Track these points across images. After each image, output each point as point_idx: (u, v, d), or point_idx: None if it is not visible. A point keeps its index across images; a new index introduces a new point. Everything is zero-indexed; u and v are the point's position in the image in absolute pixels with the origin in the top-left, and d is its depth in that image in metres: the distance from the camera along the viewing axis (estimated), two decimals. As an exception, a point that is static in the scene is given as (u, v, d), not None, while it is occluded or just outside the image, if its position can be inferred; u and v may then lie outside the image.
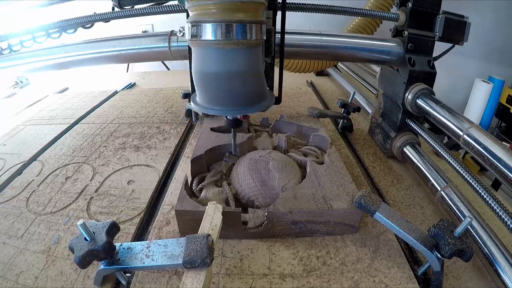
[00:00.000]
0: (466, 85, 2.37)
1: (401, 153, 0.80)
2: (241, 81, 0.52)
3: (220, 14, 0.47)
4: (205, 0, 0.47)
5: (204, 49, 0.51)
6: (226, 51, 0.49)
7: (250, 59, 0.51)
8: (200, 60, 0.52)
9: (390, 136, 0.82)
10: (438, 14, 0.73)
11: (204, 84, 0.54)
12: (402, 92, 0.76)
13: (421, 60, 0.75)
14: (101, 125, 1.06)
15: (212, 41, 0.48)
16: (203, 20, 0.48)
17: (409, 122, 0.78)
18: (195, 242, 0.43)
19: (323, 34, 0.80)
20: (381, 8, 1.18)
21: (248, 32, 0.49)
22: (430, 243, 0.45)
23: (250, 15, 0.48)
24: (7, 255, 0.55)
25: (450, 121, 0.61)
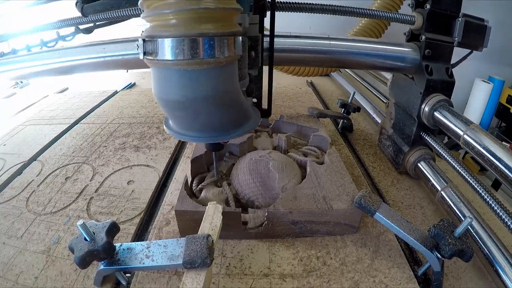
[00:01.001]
0: (466, 85, 2.37)
1: (414, 169, 0.74)
2: (211, 107, 0.43)
3: (181, 26, 0.38)
4: (162, 8, 0.37)
5: (162, 71, 0.41)
6: (189, 73, 0.40)
7: (220, 80, 0.42)
8: (159, 83, 0.43)
9: (403, 150, 0.75)
10: (458, 17, 0.67)
11: (168, 110, 0.46)
12: (418, 103, 0.69)
13: (439, 68, 0.68)
14: (101, 125, 1.06)
15: (171, 61, 0.39)
16: (160, 35, 0.38)
17: (424, 136, 0.72)
18: (195, 243, 0.43)
19: (332, 38, 0.72)
20: (389, 8, 1.12)
21: (217, 48, 0.39)
22: (430, 243, 0.45)
23: (220, 26, 0.39)
24: (7, 255, 0.55)
25: (450, 121, 0.61)
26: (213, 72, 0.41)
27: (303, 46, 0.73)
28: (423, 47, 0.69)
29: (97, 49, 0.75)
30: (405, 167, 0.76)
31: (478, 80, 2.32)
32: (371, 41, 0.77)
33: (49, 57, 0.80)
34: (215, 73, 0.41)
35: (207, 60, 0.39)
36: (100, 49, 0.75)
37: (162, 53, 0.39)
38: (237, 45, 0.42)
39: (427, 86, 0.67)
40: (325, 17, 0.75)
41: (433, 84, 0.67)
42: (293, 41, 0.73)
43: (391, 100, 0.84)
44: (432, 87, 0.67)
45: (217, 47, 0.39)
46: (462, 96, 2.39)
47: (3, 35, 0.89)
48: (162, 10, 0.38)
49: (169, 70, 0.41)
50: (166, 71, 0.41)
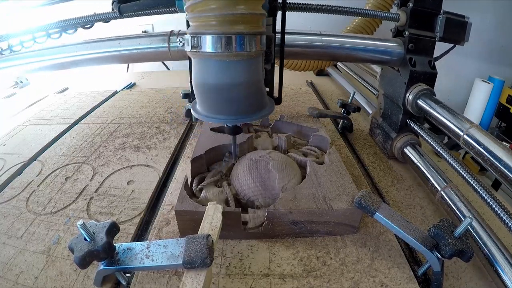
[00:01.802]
0: (466, 85, 2.37)
1: (401, 153, 0.80)
2: (241, 92, 0.52)
3: (220, 26, 0.47)
4: (205, 12, 0.47)
5: (204, 61, 0.51)
6: (226, 63, 0.50)
7: (250, 70, 0.52)
8: (200, 71, 0.52)
9: (391, 136, 0.82)
10: (439, 14, 0.73)
11: (204, 95, 0.54)
12: (403, 92, 0.75)
13: (422, 61, 0.75)
14: (101, 125, 1.06)
15: (212, 53, 0.48)
16: (203, 32, 0.48)
17: (410, 123, 0.78)
18: (195, 243, 0.43)
19: (323, 34, 0.80)
20: (381, 8, 1.18)
21: (248, 44, 0.49)
22: (430, 243, 0.45)
23: (250, 27, 0.48)
24: (7, 255, 0.55)
25: (450, 121, 0.61)
26: (244, 63, 0.51)
27: (300, 42, 0.80)
28: (407, 42, 0.76)
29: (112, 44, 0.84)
30: (393, 152, 0.83)
31: (478, 80, 2.32)
32: (360, 37, 0.85)
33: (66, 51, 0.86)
34: (246, 63, 0.51)
35: (241, 53, 0.49)
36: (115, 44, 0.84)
37: (204, 46, 0.48)
38: (262, 42, 0.52)
39: (410, 77, 0.74)
40: (325, 16, 0.82)
41: (416, 75, 0.74)
42: (293, 37, 0.79)
43: (381, 91, 0.91)
44: (415, 77, 0.74)
45: (248, 43, 0.49)
46: (462, 96, 2.39)
47: (3, 35, 0.89)
48: (205, 13, 0.47)
49: (210, 61, 0.50)
50: (208, 61, 0.51)
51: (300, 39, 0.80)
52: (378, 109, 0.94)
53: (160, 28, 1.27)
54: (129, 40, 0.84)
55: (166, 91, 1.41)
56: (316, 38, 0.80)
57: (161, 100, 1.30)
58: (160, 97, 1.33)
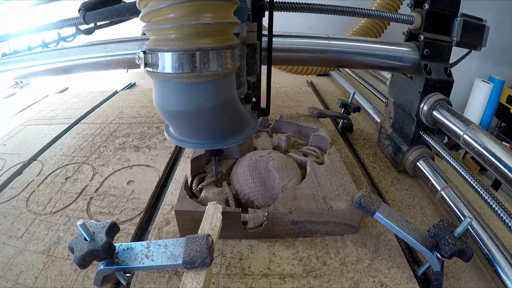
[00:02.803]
0: (466, 85, 2.37)
1: (413, 168, 0.74)
2: (210, 117, 0.45)
3: (180, 41, 0.39)
4: (162, 23, 0.39)
5: (163, 83, 0.43)
6: (188, 85, 0.41)
7: (219, 92, 0.43)
8: (160, 95, 0.44)
9: (402, 149, 0.76)
10: (456, 17, 0.67)
11: (169, 120, 0.48)
12: (417, 102, 0.69)
13: (438, 67, 0.69)
14: (101, 125, 1.06)
15: (171, 74, 0.40)
16: (160, 49, 0.40)
17: (423, 135, 0.72)
18: (195, 242, 0.43)
19: (331, 37, 0.72)
20: (389, 8, 1.12)
21: (216, 61, 0.40)
22: (430, 243, 0.45)
23: (217, 40, 0.40)
24: (7, 255, 0.55)
25: (450, 121, 0.61)
26: (212, 84, 0.42)
27: (303, 46, 0.73)
28: (422, 46, 0.70)
29: (99, 49, 0.75)
30: (404, 166, 0.77)
31: (478, 80, 2.32)
32: (370, 41, 0.77)
33: (50, 56, 0.79)
34: (214, 85, 0.42)
35: (206, 73, 0.40)
36: (101, 49, 0.74)
37: (163, 66, 0.40)
38: (235, 57, 0.43)
39: (425, 86, 0.67)
40: (325, 17, 0.75)
41: (432, 83, 0.68)
42: (293, 41, 0.73)
43: (390, 100, 0.84)
44: (430, 86, 0.68)
45: (215, 61, 0.40)
46: (462, 96, 2.39)
47: (3, 35, 0.89)
48: (162, 25, 0.39)
49: (170, 83, 0.42)
50: (167, 83, 0.42)
51: (301, 43, 0.72)
52: (387, 118, 0.87)
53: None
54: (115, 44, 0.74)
55: (166, 91, 1.41)
56: (319, 42, 0.72)
57: (161, 100, 1.29)
58: (160, 97, 1.33)
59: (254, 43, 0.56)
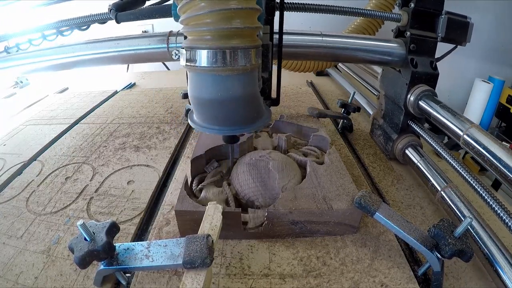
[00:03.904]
0: (466, 85, 2.37)
1: (402, 155, 0.79)
2: (237, 105, 0.52)
3: (215, 41, 0.46)
4: (199, 26, 0.46)
5: (199, 75, 0.51)
6: (221, 77, 0.49)
7: (246, 84, 0.51)
8: (195, 85, 0.52)
9: (392, 138, 0.81)
10: (441, 14, 0.72)
11: (200, 107, 0.54)
12: (404, 93, 0.74)
13: (424, 61, 0.74)
14: (101, 125, 1.06)
15: (207, 67, 0.48)
16: (198, 47, 0.47)
17: (411, 124, 0.77)
18: (195, 242, 0.43)
19: (324, 34, 0.79)
20: (383, 8, 1.17)
21: (244, 58, 0.48)
22: (430, 243, 0.45)
23: (245, 41, 0.48)
24: (7, 255, 0.55)
25: (450, 121, 0.61)
26: (240, 77, 0.50)
27: (301, 42, 0.79)
28: (408, 42, 0.75)
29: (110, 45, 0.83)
30: (394, 153, 0.82)
31: (478, 80, 2.32)
32: (361, 37, 0.84)
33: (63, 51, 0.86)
34: (241, 77, 0.50)
35: (236, 67, 0.48)
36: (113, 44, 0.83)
37: (200, 61, 0.48)
38: (258, 55, 0.52)
39: (412, 78, 0.73)
40: (325, 16, 0.81)
41: (418, 76, 0.73)
42: (292, 38, 0.78)
43: (381, 92, 0.90)
44: (417, 78, 0.73)
45: (243, 58, 0.48)
46: (462, 96, 2.39)
47: (3, 35, 0.89)
48: (200, 27, 0.46)
49: (205, 75, 0.50)
50: (203, 76, 0.50)
51: (300, 40, 0.79)
52: (378, 110, 0.93)
53: (160, 28, 1.27)
54: (127, 40, 0.83)
55: (166, 91, 1.41)
56: (316, 38, 0.79)
57: (161, 100, 1.30)
58: (160, 97, 1.33)
59: (267, 43, 0.64)
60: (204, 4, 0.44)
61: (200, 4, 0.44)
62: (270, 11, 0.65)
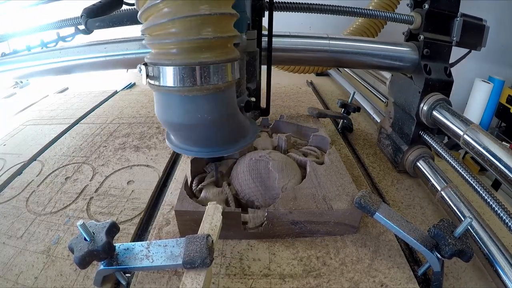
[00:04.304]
0: (466, 85, 2.37)
1: (413, 168, 0.74)
2: (211, 129, 0.46)
3: (181, 55, 0.40)
4: (163, 38, 0.39)
5: (164, 95, 0.44)
6: (190, 98, 0.42)
7: (220, 105, 0.44)
8: (161, 107, 0.46)
9: (402, 149, 0.76)
10: (456, 16, 0.68)
11: (171, 131, 0.50)
12: (417, 102, 0.69)
13: (438, 67, 0.69)
14: (101, 125, 1.06)
15: (173, 88, 0.41)
16: (162, 63, 0.41)
17: (423, 135, 0.72)
18: (195, 243, 0.43)
19: (331, 37, 0.73)
20: (386, 8, 1.13)
21: (217, 74, 0.41)
22: (430, 244, 0.45)
23: (218, 54, 0.41)
24: (7, 255, 0.55)
25: (450, 121, 0.61)
26: (212, 97, 0.43)
27: (303, 46, 0.74)
28: (422, 46, 0.70)
29: (98, 49, 0.76)
30: (404, 166, 0.77)
31: (478, 80, 2.32)
32: (370, 41, 0.77)
33: (50, 56, 0.80)
34: (215, 98, 0.43)
35: (206, 86, 0.41)
36: (101, 49, 0.76)
37: (164, 80, 0.41)
38: (235, 69, 0.44)
39: (425, 85, 0.68)
40: (325, 17, 0.76)
41: (432, 83, 0.68)
42: (293, 41, 0.73)
43: (390, 99, 0.84)
44: (430, 86, 0.68)
45: (215, 74, 0.41)
46: (462, 96, 2.39)
47: (3, 35, 0.89)
48: (163, 39, 0.40)
49: (171, 95, 0.43)
50: (168, 96, 0.44)
51: (301, 43, 0.73)
52: (387, 118, 0.87)
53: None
54: (115, 44, 0.75)
55: (166, 91, 1.41)
56: (322, 42, 0.72)
57: (161, 100, 1.29)
58: (160, 97, 1.33)
59: (254, 51, 0.57)
60: (167, 9, 0.37)
61: (163, 10, 0.38)
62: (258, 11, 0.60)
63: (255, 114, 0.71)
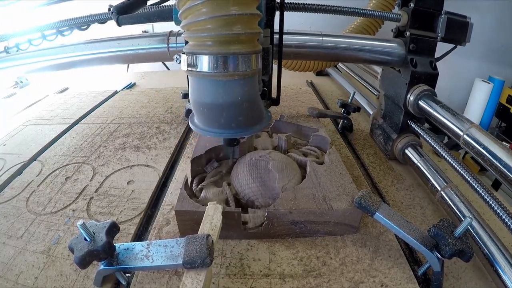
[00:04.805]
0: (466, 85, 2.37)
1: (402, 155, 0.79)
2: (237, 110, 0.52)
3: (216, 47, 0.46)
4: (200, 32, 0.46)
5: (200, 80, 0.51)
6: (222, 82, 0.49)
7: (246, 89, 0.51)
8: (196, 90, 0.52)
9: (392, 137, 0.82)
10: (441, 14, 0.73)
11: (201, 111, 0.55)
12: (404, 93, 0.75)
13: (423, 61, 0.74)
14: (101, 125, 1.06)
15: (208, 73, 0.48)
16: (199, 52, 0.48)
17: (411, 124, 0.77)
18: (195, 243, 0.43)
19: (324, 34, 0.79)
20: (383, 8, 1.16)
21: (245, 63, 0.48)
22: (430, 244, 0.45)
23: (246, 47, 0.48)
24: (7, 255, 0.55)
25: (450, 121, 0.61)
26: (240, 82, 0.50)
27: (301, 42, 0.80)
28: (408, 42, 0.76)
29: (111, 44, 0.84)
30: (394, 153, 0.82)
31: (478, 80, 2.32)
32: (360, 37, 0.84)
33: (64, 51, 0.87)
34: (242, 83, 0.50)
35: (237, 73, 0.48)
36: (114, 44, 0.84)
37: (201, 66, 0.48)
38: (259, 60, 0.52)
39: (411, 78, 0.73)
40: (325, 16, 0.81)
41: (417, 75, 0.73)
42: (292, 38, 0.78)
43: (381, 92, 0.90)
44: (416, 78, 0.73)
45: (243, 63, 0.48)
46: (462, 96, 2.39)
47: (3, 35, 0.89)
48: (201, 33, 0.46)
49: (207, 80, 0.50)
50: (204, 80, 0.50)
51: (300, 40, 0.79)
52: (378, 109, 0.93)
53: (160, 28, 1.27)
54: (127, 40, 0.83)
55: (166, 91, 1.41)
56: (316, 38, 0.79)
57: (161, 100, 1.30)
58: (160, 97, 1.33)
59: (267, 47, 0.64)
60: (205, 9, 0.44)
61: (201, 10, 0.44)
62: (270, 11, 0.66)
63: (267, 103, 0.77)
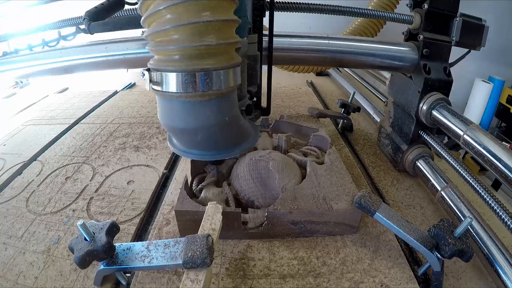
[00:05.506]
0: (466, 85, 2.37)
1: (413, 167, 0.74)
2: (214, 133, 0.47)
3: (184, 62, 0.40)
4: (166, 44, 0.39)
5: (168, 101, 0.45)
6: (193, 103, 0.43)
7: (222, 109, 0.45)
8: (164, 112, 0.46)
9: (401, 148, 0.76)
10: (455, 16, 0.68)
11: (173, 135, 0.50)
12: (416, 102, 0.69)
13: (437, 67, 0.69)
14: (101, 125, 1.06)
15: (176, 93, 0.41)
16: (165, 69, 0.41)
17: (423, 135, 0.72)
18: (195, 243, 0.43)
19: (330, 37, 0.73)
20: (385, 8, 1.12)
21: (219, 80, 0.41)
22: (430, 244, 0.45)
23: (220, 60, 0.41)
24: (7, 255, 0.55)
25: (450, 121, 0.61)
26: (214, 103, 0.43)
27: (303, 46, 0.74)
28: (421, 46, 0.70)
29: (99, 48, 0.76)
30: (404, 165, 0.77)
31: (478, 80, 2.32)
32: (369, 41, 0.77)
33: (51, 56, 0.81)
34: (216, 103, 0.44)
35: (208, 92, 0.41)
36: (102, 48, 0.76)
37: (167, 85, 0.42)
38: (236, 75, 0.45)
39: (425, 85, 0.68)
40: (326, 16, 0.76)
41: (431, 83, 0.68)
42: (293, 41, 0.74)
43: (390, 99, 0.84)
44: (430, 86, 0.68)
45: (217, 80, 0.41)
46: (462, 96, 2.39)
47: (4, 35, 0.89)
48: (166, 46, 0.40)
49: (174, 101, 0.43)
50: (171, 102, 0.44)
51: (301, 43, 0.73)
52: (387, 117, 0.87)
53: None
54: (116, 44, 0.75)
55: (166, 91, 1.41)
56: (322, 42, 0.73)
57: (161, 100, 1.29)
58: (160, 97, 1.33)
59: (255, 55, 0.57)
60: (170, 16, 0.37)
61: (166, 17, 0.38)
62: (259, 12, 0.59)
63: (256, 113, 0.71)
